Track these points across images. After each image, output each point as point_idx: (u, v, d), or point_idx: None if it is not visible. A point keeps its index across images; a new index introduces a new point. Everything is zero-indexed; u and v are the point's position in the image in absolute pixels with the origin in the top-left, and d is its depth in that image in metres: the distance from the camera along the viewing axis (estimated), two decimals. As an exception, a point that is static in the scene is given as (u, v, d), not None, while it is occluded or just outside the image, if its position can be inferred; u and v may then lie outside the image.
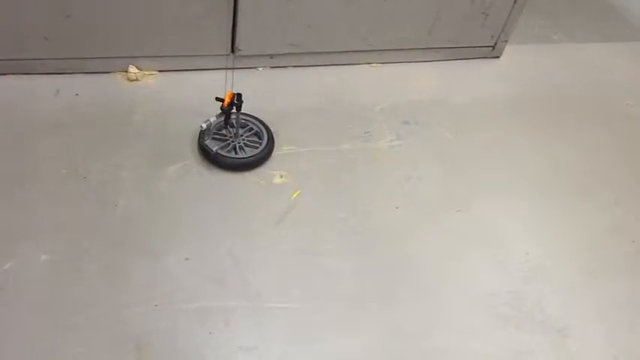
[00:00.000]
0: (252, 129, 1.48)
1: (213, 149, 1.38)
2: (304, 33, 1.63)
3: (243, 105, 1.39)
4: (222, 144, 1.41)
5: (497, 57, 1.95)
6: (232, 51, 1.62)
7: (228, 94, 1.35)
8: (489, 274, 1.33)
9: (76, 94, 1.50)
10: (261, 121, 1.49)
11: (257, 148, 1.44)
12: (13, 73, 1.49)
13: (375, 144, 1.56)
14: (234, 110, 1.37)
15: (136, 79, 1.56)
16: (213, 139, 1.42)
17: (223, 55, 1.61)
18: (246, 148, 1.43)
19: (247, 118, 1.48)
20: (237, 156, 1.41)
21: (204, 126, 1.35)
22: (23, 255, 1.16)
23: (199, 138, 1.41)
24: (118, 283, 1.16)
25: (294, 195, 1.39)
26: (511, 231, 1.43)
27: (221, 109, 1.35)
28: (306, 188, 1.41)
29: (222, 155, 1.39)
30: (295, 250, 1.28)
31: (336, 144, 1.54)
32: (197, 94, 1.55)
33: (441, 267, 1.32)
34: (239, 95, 1.37)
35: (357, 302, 1.22)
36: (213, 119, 1.37)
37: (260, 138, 1.47)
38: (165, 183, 1.35)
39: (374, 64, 1.80)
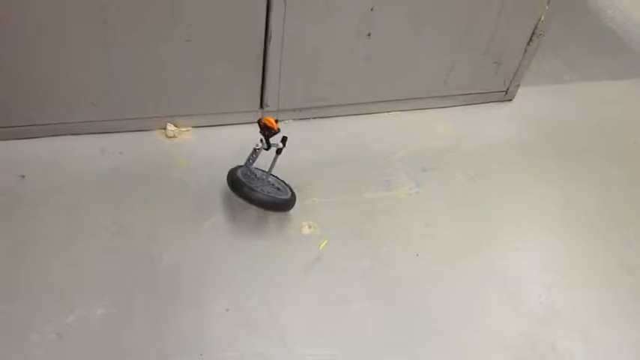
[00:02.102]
0: (277, 187, 1.55)
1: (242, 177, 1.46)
2: (327, 88, 1.76)
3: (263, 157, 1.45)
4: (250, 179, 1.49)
5: (510, 100, 2.05)
6: (261, 106, 1.75)
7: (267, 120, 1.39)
8: (505, 317, 1.43)
9: (120, 153, 1.63)
10: (286, 184, 1.56)
11: (278, 196, 1.51)
12: (62, 135, 1.63)
13: (395, 192, 1.67)
14: (280, 146, 1.41)
15: (174, 136, 1.70)
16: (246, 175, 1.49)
17: (253, 110, 1.74)
18: (277, 190, 1.53)
19: (276, 179, 1.56)
20: (259, 189, 1.46)
21: (259, 144, 1.41)
22: (82, 308, 1.29)
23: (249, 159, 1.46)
24: (166, 334, 1.28)
25: (322, 245, 1.50)
26: (525, 274, 1.53)
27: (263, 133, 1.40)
28: (333, 238, 1.52)
29: (242, 179, 1.46)
30: (324, 299, 1.39)
31: (359, 193, 1.65)
32: (229, 148, 1.68)
33: (459, 311, 1.42)
34: (284, 139, 1.40)
35: (383, 348, 1.32)
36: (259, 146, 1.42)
37: (281, 190, 1.54)
38: (204, 237, 1.47)
39: (392, 112, 1.91)
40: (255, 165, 1.47)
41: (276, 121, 1.40)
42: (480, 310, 1.44)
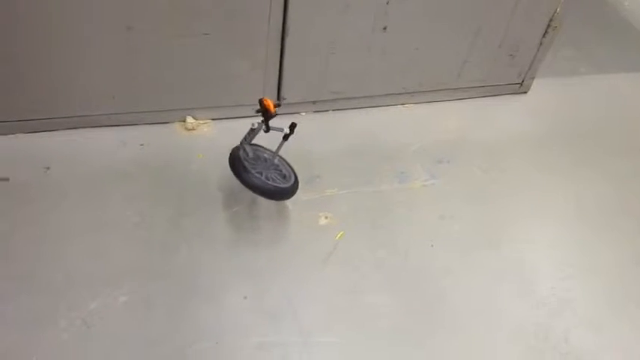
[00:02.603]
0: (281, 171, 1.51)
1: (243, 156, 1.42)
2: (343, 82, 1.78)
3: (284, 147, 1.43)
4: (257, 169, 1.45)
5: (525, 92, 2.05)
6: (278, 99, 1.78)
7: (266, 100, 1.37)
8: (518, 307, 1.45)
9: (141, 145, 1.67)
10: (294, 171, 1.52)
11: (278, 183, 1.46)
12: (84, 127, 1.67)
13: (410, 184, 1.69)
14: (287, 132, 1.39)
15: (193, 129, 1.73)
16: (247, 160, 1.45)
17: (270, 103, 1.77)
18: (278, 177, 1.47)
19: (282, 162, 1.53)
20: (257, 175, 1.42)
21: (256, 124, 1.40)
22: (105, 296, 1.33)
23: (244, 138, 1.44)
24: (184, 321, 1.32)
25: (338, 236, 1.53)
26: (538, 265, 1.55)
27: (258, 111, 1.39)
28: (349, 229, 1.55)
29: (243, 161, 1.42)
30: (340, 289, 1.42)
31: (375, 185, 1.68)
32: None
33: (473, 302, 1.44)
34: (293, 125, 1.38)
35: (397, 337, 1.35)
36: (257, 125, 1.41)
37: (286, 180, 1.49)
38: (222, 227, 1.51)
39: (407, 105, 1.93)
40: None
41: (276, 106, 1.38)
42: (493, 301, 1.46)
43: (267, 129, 1.40)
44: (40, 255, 1.39)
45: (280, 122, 1.40)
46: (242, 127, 1.75)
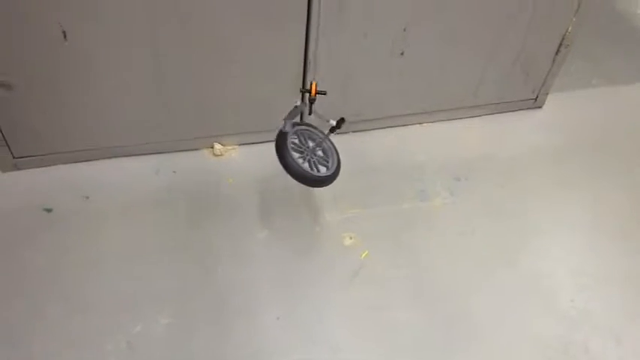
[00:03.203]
0: (327, 155, 1.50)
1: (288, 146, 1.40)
2: (363, 104, 1.86)
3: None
4: (298, 155, 1.44)
5: (540, 107, 2.11)
6: (301, 122, 1.85)
7: (312, 84, 1.41)
8: (538, 320, 1.51)
9: (174, 172, 1.76)
10: (338, 157, 1.51)
11: (325, 168, 1.47)
12: (120, 156, 1.77)
13: (430, 202, 1.76)
14: (333, 124, 1.42)
15: (221, 154, 1.82)
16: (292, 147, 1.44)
17: (293, 127, 1.85)
18: (319, 165, 1.46)
19: (330, 147, 1.51)
20: (301, 165, 1.41)
21: (299, 102, 1.44)
22: (148, 319, 1.42)
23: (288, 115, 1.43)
24: (222, 341, 1.40)
25: (363, 255, 1.60)
26: (557, 278, 1.60)
27: (309, 99, 1.42)
28: (373, 248, 1.62)
29: (288, 151, 1.41)
30: (368, 306, 1.50)
31: (396, 204, 1.75)
32: (273, 163, 1.79)
33: (494, 316, 1.51)
34: (342, 120, 1.41)
35: (422, 352, 1.42)
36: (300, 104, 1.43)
37: (330, 160, 1.49)
38: (253, 248, 1.59)
39: (425, 124, 2.00)
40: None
41: (319, 92, 1.41)
42: (514, 315, 1.52)
43: (310, 111, 1.43)
44: (86, 280, 1.49)
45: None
46: (268, 151, 1.83)
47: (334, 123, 1.41)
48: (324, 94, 1.44)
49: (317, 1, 1.53)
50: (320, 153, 1.50)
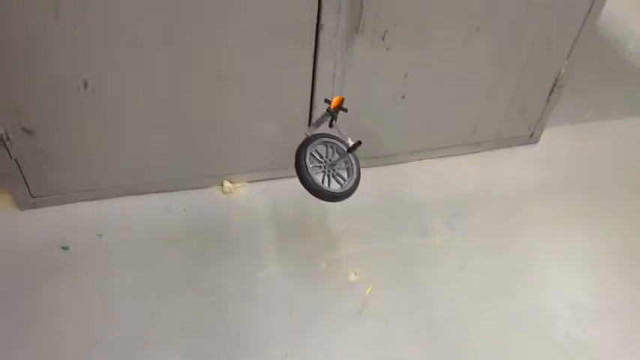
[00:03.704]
0: (345, 174, 1.48)
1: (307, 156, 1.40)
2: (365, 143, 1.92)
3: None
4: (315, 163, 1.44)
5: (535, 142, 2.19)
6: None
7: (336, 98, 1.41)
8: (535, 353, 1.57)
9: (184, 210, 1.83)
10: (359, 170, 1.49)
11: (339, 185, 1.46)
12: (133, 194, 1.84)
13: (430, 238, 1.83)
14: (350, 144, 1.42)
15: (230, 192, 1.89)
16: (311, 155, 1.44)
17: (299, 165, 1.92)
18: (332, 180, 1.45)
19: (351, 160, 1.49)
20: (318, 182, 1.40)
21: (308, 133, 1.44)
22: (159, 356, 1.48)
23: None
24: (234, 377, 1.47)
25: (368, 291, 1.67)
26: (554, 311, 1.67)
27: (328, 110, 1.40)
28: (377, 283, 1.69)
29: (308, 166, 1.40)
30: (373, 341, 1.56)
31: (398, 239, 1.82)
32: (280, 200, 1.87)
33: (493, 349, 1.57)
34: (359, 143, 1.40)
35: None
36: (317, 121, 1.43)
37: (348, 177, 1.48)
38: (262, 286, 1.66)
39: (425, 160, 2.08)
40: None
41: (339, 107, 1.40)
42: (513, 348, 1.58)
43: (331, 124, 1.42)
44: (99, 317, 1.55)
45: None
46: (275, 188, 1.93)
47: (351, 144, 1.44)
48: (345, 110, 1.44)
49: (324, 49, 1.61)
50: (341, 168, 1.47)
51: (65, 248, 1.69)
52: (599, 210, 1.98)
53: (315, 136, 1.46)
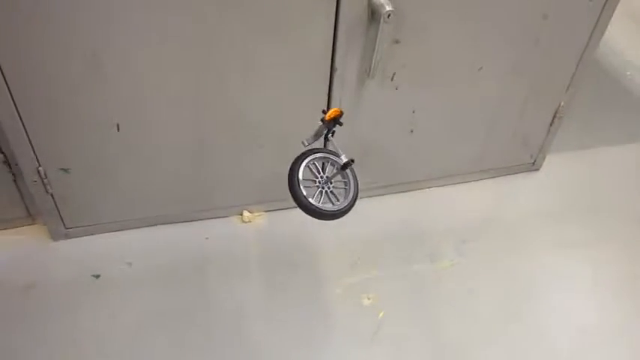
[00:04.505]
0: (344, 186, 1.38)
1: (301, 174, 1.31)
2: (375, 174, 2.05)
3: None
4: (309, 181, 1.35)
5: (537, 169, 2.30)
6: (320, 191, 2.05)
7: (332, 110, 1.35)
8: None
9: (206, 238, 1.95)
10: (357, 191, 1.38)
11: (333, 203, 1.34)
12: (159, 224, 1.96)
13: (439, 264, 1.94)
14: (345, 161, 1.35)
15: (249, 221, 2.01)
16: (308, 168, 1.35)
17: (314, 195, 2.04)
18: (325, 197, 1.37)
19: (348, 176, 1.40)
20: (302, 190, 1.32)
21: (306, 142, 1.40)
22: (189, 379, 1.59)
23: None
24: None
25: (380, 314, 1.78)
26: (558, 334, 1.76)
27: (322, 121, 1.33)
28: (389, 308, 1.79)
29: (300, 185, 1.31)
30: (386, 362, 1.67)
31: (409, 265, 1.93)
32: (296, 227, 1.98)
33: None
34: (352, 161, 1.32)
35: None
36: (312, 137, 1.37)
37: (345, 196, 1.36)
38: (281, 310, 1.76)
39: (432, 188, 2.19)
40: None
41: (334, 120, 1.33)
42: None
43: (327, 137, 1.36)
44: (127, 346, 1.65)
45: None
46: (292, 216, 2.02)
47: (342, 162, 1.34)
48: (341, 124, 1.37)
49: (336, 92, 1.73)
50: (337, 185, 1.37)
51: (96, 277, 1.81)
52: (601, 236, 2.07)
53: (314, 150, 1.38)
